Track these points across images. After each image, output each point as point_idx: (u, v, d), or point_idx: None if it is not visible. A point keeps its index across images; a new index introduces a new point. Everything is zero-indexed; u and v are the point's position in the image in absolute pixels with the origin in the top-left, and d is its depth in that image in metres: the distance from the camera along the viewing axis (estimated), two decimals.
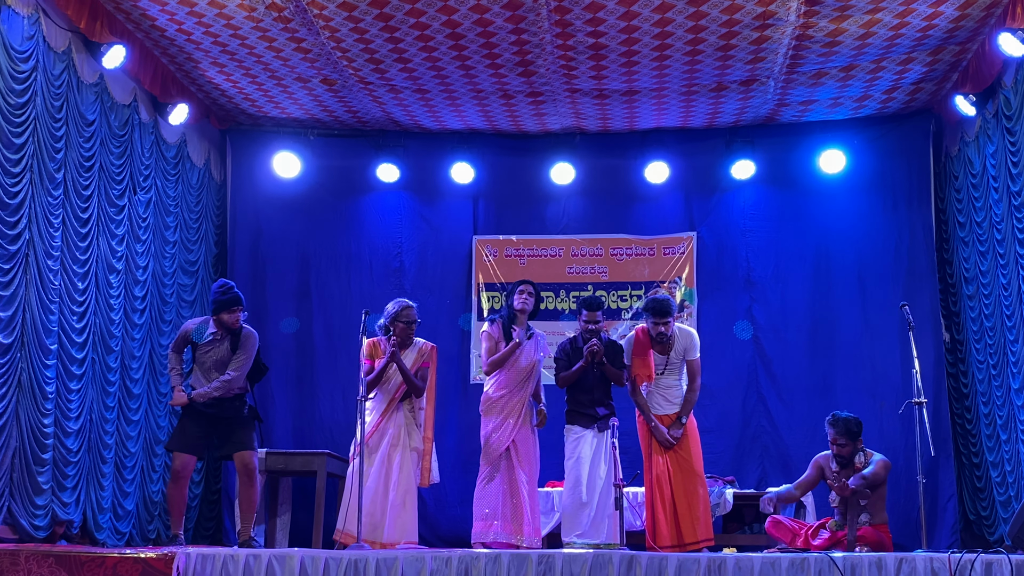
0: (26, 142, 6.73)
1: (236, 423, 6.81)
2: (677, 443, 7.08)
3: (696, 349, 7.19)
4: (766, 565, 5.32)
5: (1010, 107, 7.57)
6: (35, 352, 6.82)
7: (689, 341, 7.18)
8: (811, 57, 8.15)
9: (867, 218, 9.49)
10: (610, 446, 7.15)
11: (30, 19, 6.76)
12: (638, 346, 7.20)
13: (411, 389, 7.18)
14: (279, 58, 8.28)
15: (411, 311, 7.22)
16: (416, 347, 7.30)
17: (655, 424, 7.10)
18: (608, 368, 7.22)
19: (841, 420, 6.91)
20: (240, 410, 6.84)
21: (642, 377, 7.16)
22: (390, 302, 7.30)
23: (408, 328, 7.20)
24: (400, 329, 7.16)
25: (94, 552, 5.58)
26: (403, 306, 7.22)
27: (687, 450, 7.08)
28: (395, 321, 7.17)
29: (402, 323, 7.17)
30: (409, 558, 5.43)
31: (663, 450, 7.09)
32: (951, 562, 5.21)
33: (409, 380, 7.15)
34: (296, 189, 9.78)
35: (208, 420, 6.76)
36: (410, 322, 7.20)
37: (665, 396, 7.19)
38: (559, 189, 9.80)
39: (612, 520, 7.09)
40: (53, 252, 7.04)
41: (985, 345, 8.29)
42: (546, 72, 8.41)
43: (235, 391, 6.82)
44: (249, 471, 6.77)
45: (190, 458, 6.78)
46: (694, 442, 7.16)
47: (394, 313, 7.19)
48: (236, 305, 6.90)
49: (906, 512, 8.39)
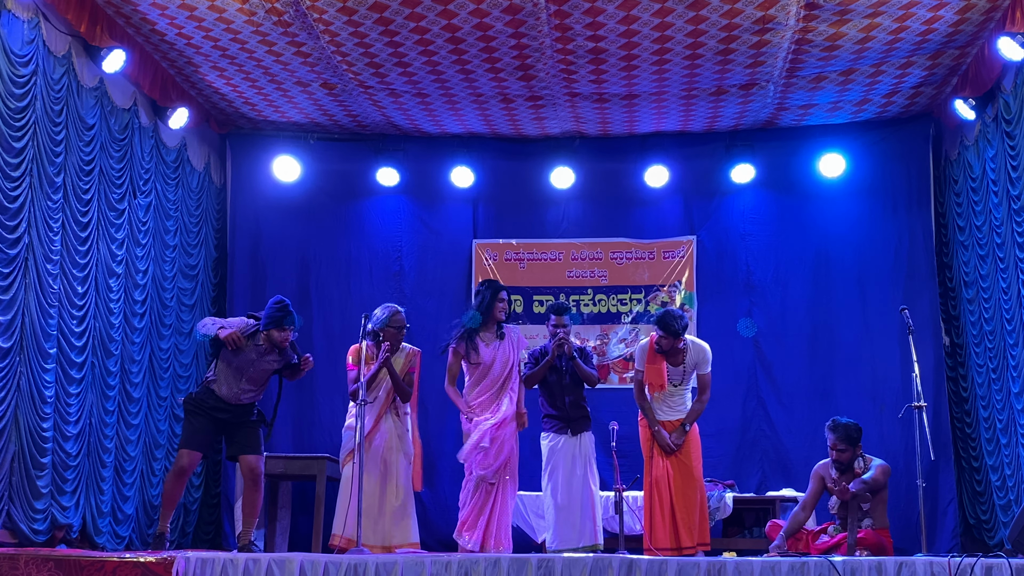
0: (26, 146, 6.74)
1: (246, 426, 6.75)
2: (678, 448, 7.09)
3: (708, 364, 7.19)
4: (766, 569, 5.31)
5: (1009, 111, 7.58)
6: (34, 356, 6.82)
7: (701, 356, 7.18)
8: (811, 61, 8.15)
9: (867, 222, 9.49)
10: (584, 448, 7.17)
11: (30, 23, 6.77)
12: (651, 354, 7.19)
13: (400, 395, 7.19)
14: (279, 62, 8.28)
15: (401, 316, 7.22)
16: (404, 352, 7.31)
17: (658, 428, 7.10)
18: (579, 366, 7.22)
19: (841, 426, 6.90)
20: (251, 413, 6.79)
21: (654, 386, 7.17)
22: (378, 307, 7.30)
23: (399, 333, 7.19)
24: (391, 335, 7.15)
25: (94, 556, 5.58)
26: (393, 311, 7.22)
27: (687, 455, 7.09)
28: (386, 327, 7.15)
29: (393, 328, 7.16)
30: (408, 562, 5.42)
31: (664, 454, 7.10)
32: (951, 566, 5.21)
33: (398, 385, 7.16)
34: (296, 193, 9.78)
35: (217, 422, 6.70)
36: (400, 327, 7.20)
37: (670, 404, 7.21)
38: (559, 193, 9.80)
39: (592, 523, 7.11)
40: (53, 256, 7.04)
41: (985, 349, 8.29)
42: (546, 76, 8.41)
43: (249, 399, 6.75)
44: (255, 475, 6.72)
45: (198, 455, 6.69)
46: (695, 447, 7.17)
47: (384, 319, 7.17)
48: (290, 324, 6.80)
49: (906, 516, 8.37)
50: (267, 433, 6.91)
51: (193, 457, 6.63)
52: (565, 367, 7.30)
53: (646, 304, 9.66)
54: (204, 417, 6.67)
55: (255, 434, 6.79)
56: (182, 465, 6.61)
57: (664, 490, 7.03)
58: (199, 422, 6.68)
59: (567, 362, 7.26)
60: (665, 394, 7.17)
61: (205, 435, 6.70)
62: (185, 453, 6.62)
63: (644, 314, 9.62)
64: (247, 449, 6.74)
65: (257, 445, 6.78)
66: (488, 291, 7.47)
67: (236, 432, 6.75)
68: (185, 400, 6.81)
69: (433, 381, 9.04)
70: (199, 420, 6.68)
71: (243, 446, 6.74)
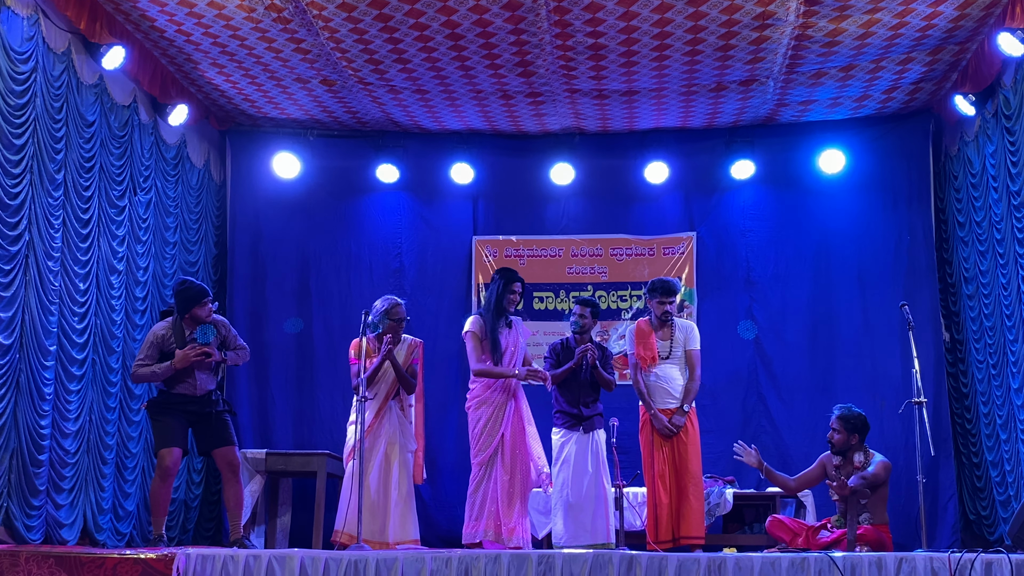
0: (26, 143, 6.73)
1: (213, 418, 6.62)
2: (678, 441, 7.13)
3: (695, 340, 7.39)
4: (766, 565, 5.32)
5: (1009, 107, 7.57)
6: (34, 354, 6.81)
7: (689, 331, 7.42)
8: (810, 57, 8.15)
9: (867, 218, 9.49)
10: (596, 446, 7.19)
11: (30, 20, 6.76)
12: (640, 334, 7.40)
13: (404, 386, 7.20)
14: (278, 59, 8.28)
15: (400, 308, 7.22)
16: (405, 343, 7.31)
17: (655, 412, 7.16)
18: (599, 374, 7.26)
19: (847, 411, 7.01)
20: (215, 404, 6.65)
21: (646, 360, 7.30)
22: (378, 300, 7.31)
23: (399, 325, 7.19)
24: (391, 327, 7.15)
25: (94, 553, 5.58)
26: (392, 303, 7.21)
27: (685, 449, 7.16)
28: (386, 319, 7.15)
29: (393, 320, 7.16)
30: (409, 558, 5.43)
31: (663, 447, 7.14)
32: (951, 562, 5.22)
33: (402, 377, 7.17)
34: (296, 190, 9.78)
35: (188, 414, 6.59)
36: (400, 319, 7.20)
37: (667, 388, 7.27)
38: (559, 189, 9.80)
39: (605, 520, 7.11)
40: (53, 253, 7.04)
41: (985, 345, 8.29)
42: (545, 72, 8.41)
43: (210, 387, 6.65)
44: (233, 467, 6.64)
45: (179, 452, 6.54)
46: (692, 442, 7.22)
47: (384, 310, 7.17)
48: (205, 296, 6.68)
49: (906, 512, 8.38)
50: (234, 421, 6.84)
51: (174, 455, 6.50)
52: (585, 376, 7.34)
53: (645, 301, 9.65)
54: (173, 414, 6.57)
55: (226, 424, 6.69)
56: (165, 466, 6.48)
57: (663, 484, 7.07)
58: (169, 420, 6.56)
59: (589, 371, 7.30)
60: (660, 378, 7.25)
61: (180, 430, 6.58)
62: (165, 453, 6.48)
63: (644, 310, 9.62)
64: (221, 441, 6.64)
65: (230, 436, 6.68)
66: (502, 279, 7.43)
67: (207, 425, 6.63)
68: (148, 404, 6.69)
69: (433, 376, 9.07)
70: (169, 418, 6.56)
71: (217, 439, 6.64)
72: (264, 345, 9.61)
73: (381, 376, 7.20)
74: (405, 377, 7.18)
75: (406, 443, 7.25)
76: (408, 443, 7.27)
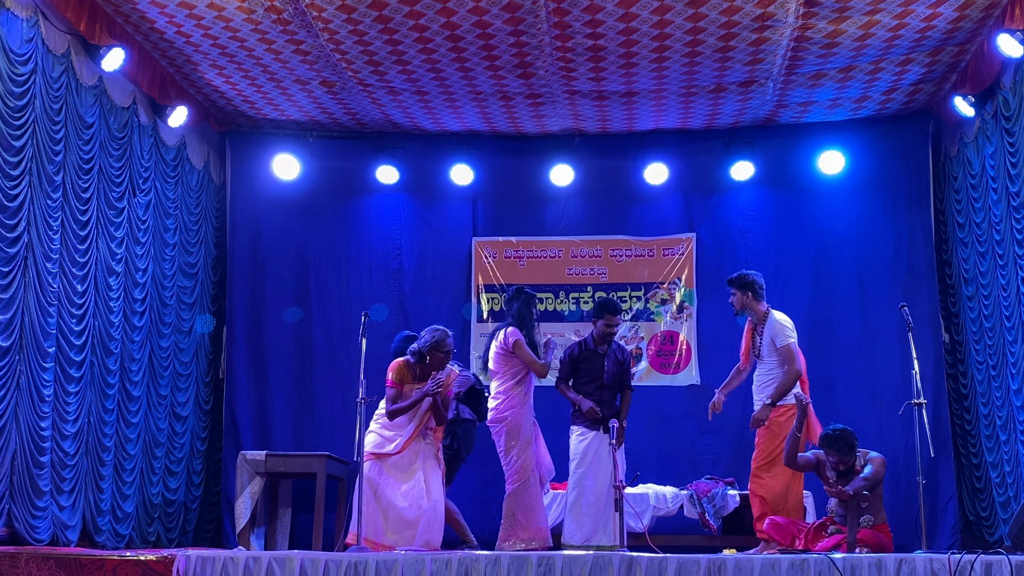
0: (25, 145, 6.73)
1: None
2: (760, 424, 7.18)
3: (782, 336, 7.21)
4: (766, 567, 5.32)
5: (1009, 108, 7.58)
6: (33, 355, 6.81)
7: (774, 328, 7.26)
8: (810, 58, 8.15)
9: (866, 219, 9.49)
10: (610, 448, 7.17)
11: (29, 22, 6.76)
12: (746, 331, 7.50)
13: (436, 418, 7.06)
14: (278, 60, 8.28)
15: (449, 341, 7.07)
16: (445, 372, 7.11)
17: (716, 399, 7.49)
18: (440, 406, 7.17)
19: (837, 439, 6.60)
20: None
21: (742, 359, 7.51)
22: (426, 329, 7.15)
23: (445, 359, 7.06)
24: (438, 360, 7.03)
25: (94, 555, 5.58)
26: (443, 335, 7.05)
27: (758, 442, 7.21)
28: (434, 350, 7.02)
29: (440, 354, 7.03)
30: (409, 560, 5.43)
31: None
32: (951, 563, 5.21)
33: (438, 412, 7.03)
34: (295, 191, 9.78)
35: None
36: (448, 352, 7.07)
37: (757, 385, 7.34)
38: (558, 190, 9.80)
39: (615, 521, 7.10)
40: (52, 255, 7.04)
41: (984, 346, 8.29)
42: (545, 74, 8.41)
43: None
44: None
45: None
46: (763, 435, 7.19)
47: (433, 342, 7.01)
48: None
49: (906, 513, 8.38)
50: None
51: None
52: (608, 381, 7.36)
53: (646, 302, 9.66)
54: None
55: None
56: None
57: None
58: None
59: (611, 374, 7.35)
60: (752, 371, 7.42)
61: None
62: None
63: (644, 311, 9.63)
64: None
65: None
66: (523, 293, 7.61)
67: None
68: None
69: None
70: None
71: None
72: (263, 347, 9.61)
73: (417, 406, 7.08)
74: (440, 412, 7.03)
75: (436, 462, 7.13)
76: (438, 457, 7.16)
